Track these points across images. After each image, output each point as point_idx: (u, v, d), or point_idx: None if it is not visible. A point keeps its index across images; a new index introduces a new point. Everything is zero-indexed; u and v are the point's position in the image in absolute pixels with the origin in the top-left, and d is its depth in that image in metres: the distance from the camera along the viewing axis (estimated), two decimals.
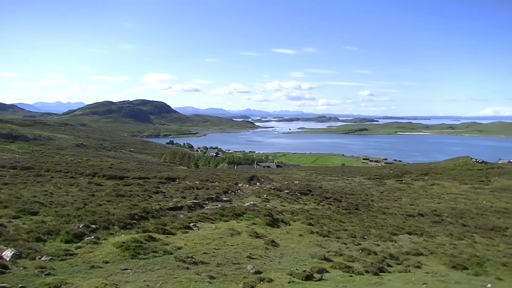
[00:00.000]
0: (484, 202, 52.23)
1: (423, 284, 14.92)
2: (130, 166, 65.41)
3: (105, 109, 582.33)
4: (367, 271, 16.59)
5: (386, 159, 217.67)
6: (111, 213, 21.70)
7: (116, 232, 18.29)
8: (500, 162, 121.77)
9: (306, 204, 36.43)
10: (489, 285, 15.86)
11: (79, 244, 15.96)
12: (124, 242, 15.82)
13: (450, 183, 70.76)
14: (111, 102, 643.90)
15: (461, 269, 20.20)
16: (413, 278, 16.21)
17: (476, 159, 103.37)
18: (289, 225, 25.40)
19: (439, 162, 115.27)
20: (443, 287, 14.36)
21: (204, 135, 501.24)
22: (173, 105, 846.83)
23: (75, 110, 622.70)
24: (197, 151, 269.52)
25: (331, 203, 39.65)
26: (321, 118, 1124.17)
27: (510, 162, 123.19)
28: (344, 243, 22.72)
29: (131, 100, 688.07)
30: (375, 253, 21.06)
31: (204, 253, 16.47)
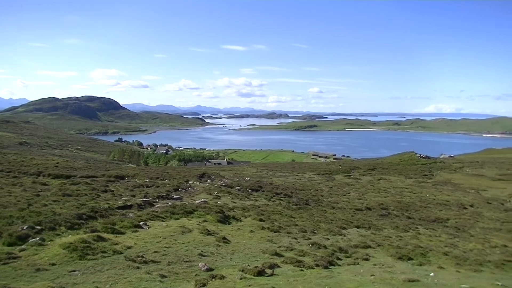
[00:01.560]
0: (427, 195, 54.34)
1: (371, 275, 15.35)
2: (77, 164, 63.56)
3: (50, 106, 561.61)
4: (317, 265, 16.89)
5: (335, 155, 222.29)
6: (58, 213, 21.01)
7: (63, 232, 17.72)
8: (442, 157, 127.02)
9: (257, 200, 36.64)
10: (431, 274, 16.51)
11: (23, 246, 15.32)
12: (71, 243, 15.34)
13: (396, 178, 73.16)
14: (56, 99, 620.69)
15: (406, 259, 20.97)
16: (362, 270, 16.65)
17: (420, 154, 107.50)
18: (240, 221, 25.47)
19: (385, 157, 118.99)
20: (389, 277, 14.81)
21: (154, 132, 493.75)
22: (122, 101, 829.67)
23: (18, 107, 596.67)
24: (147, 148, 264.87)
25: (281, 198, 40.05)
26: (271, 115, 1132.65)
27: (451, 156, 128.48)
28: (295, 238, 23.03)
29: (77, 96, 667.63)
30: (325, 247, 21.48)
31: (155, 251, 16.25)
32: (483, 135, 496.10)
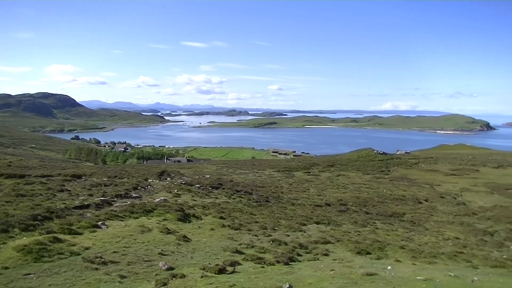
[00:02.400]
0: (384, 190, 55.61)
1: (331, 270, 15.60)
2: (32, 163, 61.60)
3: (2, 103, 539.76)
4: (278, 261, 17.03)
5: (295, 151, 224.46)
6: (11, 214, 20.30)
7: (16, 235, 17.14)
8: (398, 153, 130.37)
9: (217, 198, 36.54)
10: (389, 267, 16.93)
11: None
12: (26, 245, 14.86)
13: (354, 174, 74.47)
14: (9, 95, 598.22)
15: (365, 254, 21.43)
16: (322, 266, 16.91)
17: (377, 151, 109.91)
18: (201, 219, 25.35)
19: (344, 154, 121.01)
20: (348, 272, 15.09)
21: (112, 129, 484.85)
22: (78, 98, 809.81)
23: None
24: (105, 146, 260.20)
25: (242, 196, 40.09)
26: (231, 112, 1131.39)
27: (407, 153, 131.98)
28: (256, 235, 23.13)
29: (32, 93, 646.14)
30: (286, 244, 21.67)
31: (114, 252, 15.97)
32: (437, 131, 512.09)
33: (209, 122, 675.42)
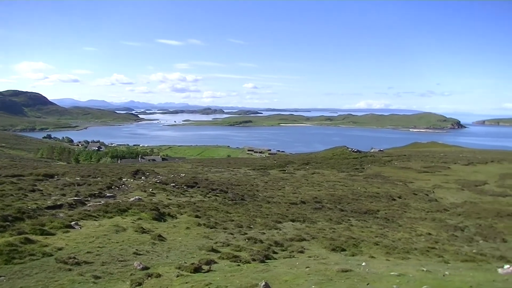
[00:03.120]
0: (359, 188, 56.26)
1: (306, 267, 15.72)
2: (2, 163, 60.32)
3: None
4: (254, 259, 17.06)
5: (270, 150, 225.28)
6: None
7: None
8: (372, 150, 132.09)
9: (192, 197, 36.38)
10: (363, 264, 17.17)
11: None
12: None
13: (329, 171, 75.11)
14: None
15: (339, 251, 21.66)
16: (297, 263, 17.03)
17: (352, 149, 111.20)
18: (176, 218, 25.19)
19: (319, 152, 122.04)
20: (324, 269, 15.22)
21: (85, 128, 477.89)
22: (50, 96, 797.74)
23: None
24: (78, 145, 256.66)
25: (217, 194, 39.99)
26: (206, 110, 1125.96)
27: (381, 150, 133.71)
28: (231, 233, 23.12)
29: (1, 91, 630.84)
30: (261, 241, 21.73)
31: (88, 252, 15.72)
32: (410, 129, 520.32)
33: (184, 121, 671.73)
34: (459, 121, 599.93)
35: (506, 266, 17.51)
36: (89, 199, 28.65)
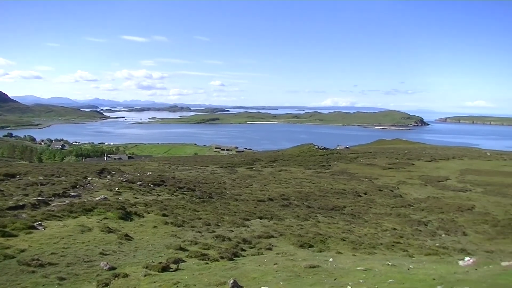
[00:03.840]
0: (325, 184, 56.89)
1: (274, 264, 15.84)
2: None
3: None
4: (222, 257, 17.06)
5: (237, 147, 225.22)
6: None
7: None
8: (338, 148, 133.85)
9: (159, 195, 36.06)
10: (331, 259, 17.42)
11: None
12: None
13: (296, 169, 75.64)
14: None
15: (307, 247, 21.87)
16: (265, 260, 17.13)
17: (318, 146, 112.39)
18: (143, 217, 24.92)
19: (286, 149, 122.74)
20: (292, 265, 15.37)
21: (48, 126, 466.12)
22: (11, 93, 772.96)
23: None
24: (41, 144, 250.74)
25: (185, 192, 39.79)
26: (173, 108, 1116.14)
27: (347, 148, 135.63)
28: (199, 232, 23.04)
29: None
30: (229, 239, 21.75)
31: (52, 253, 15.38)
32: (375, 127, 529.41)
33: (150, 118, 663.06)
34: (422, 119, 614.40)
35: (467, 259, 18.15)
36: (53, 199, 28.02)
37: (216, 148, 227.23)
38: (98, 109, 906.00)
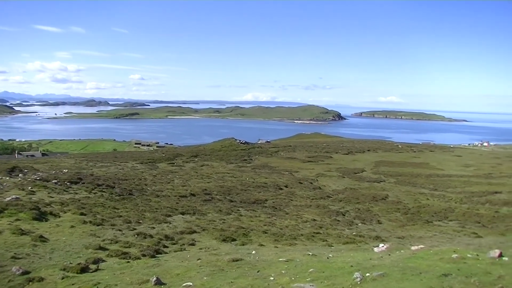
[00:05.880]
0: (247, 178, 57.54)
1: (198, 259, 15.86)
2: None
3: None
4: (144, 255, 16.81)
5: (158, 142, 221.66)
6: None
7: None
8: (259, 142, 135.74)
9: (77, 193, 34.69)
10: (253, 252, 17.75)
11: None
12: None
13: (218, 163, 75.82)
14: None
15: (230, 241, 22.08)
16: (188, 255, 17.11)
17: (240, 140, 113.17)
18: (59, 217, 23.89)
19: (207, 144, 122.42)
20: (215, 259, 15.46)
21: None
22: None
23: None
24: None
25: (103, 190, 38.61)
26: (90, 102, 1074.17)
27: (268, 142, 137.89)
28: (120, 230, 22.51)
29: None
30: (151, 236, 21.45)
31: None
32: (295, 121, 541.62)
33: (65, 113, 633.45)
34: (340, 113, 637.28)
35: (381, 245, 19.30)
36: None
37: (136, 143, 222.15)
38: (7, 103, 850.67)
